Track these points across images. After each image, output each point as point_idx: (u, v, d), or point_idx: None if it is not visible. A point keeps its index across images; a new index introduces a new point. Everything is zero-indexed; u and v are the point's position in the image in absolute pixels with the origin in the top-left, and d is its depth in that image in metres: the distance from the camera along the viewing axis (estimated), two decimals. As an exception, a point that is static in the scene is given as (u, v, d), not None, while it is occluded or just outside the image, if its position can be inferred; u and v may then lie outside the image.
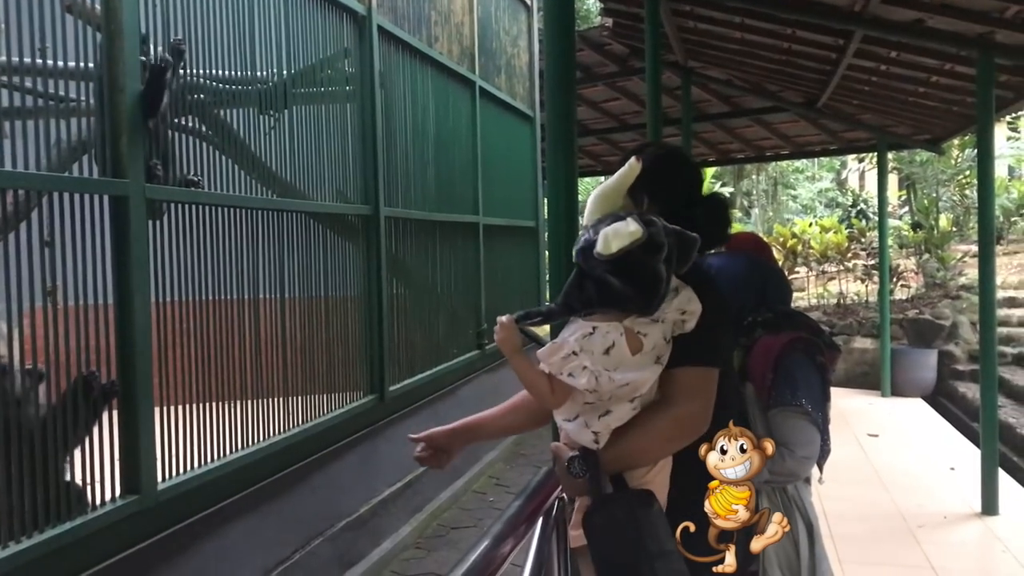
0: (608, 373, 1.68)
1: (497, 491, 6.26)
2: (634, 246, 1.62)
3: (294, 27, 4.35)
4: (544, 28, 3.17)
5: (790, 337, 2.33)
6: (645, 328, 1.70)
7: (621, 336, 1.68)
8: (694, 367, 1.75)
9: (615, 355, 1.68)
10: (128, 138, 3.08)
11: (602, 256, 1.64)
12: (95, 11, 3.12)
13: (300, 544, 4.15)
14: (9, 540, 2.57)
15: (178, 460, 3.34)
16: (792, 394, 2.24)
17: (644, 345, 1.70)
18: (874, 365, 10.66)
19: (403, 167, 5.68)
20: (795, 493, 2.33)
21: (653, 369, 1.72)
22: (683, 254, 1.70)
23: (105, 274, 3.00)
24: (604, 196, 1.79)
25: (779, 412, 2.25)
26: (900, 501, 5.97)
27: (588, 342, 1.69)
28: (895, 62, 6.60)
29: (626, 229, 1.63)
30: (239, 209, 3.81)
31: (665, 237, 1.65)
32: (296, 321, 4.31)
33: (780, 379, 2.26)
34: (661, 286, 1.66)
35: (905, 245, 14.52)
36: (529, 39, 9.30)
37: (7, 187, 2.66)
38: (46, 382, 2.81)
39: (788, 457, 2.21)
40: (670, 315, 1.72)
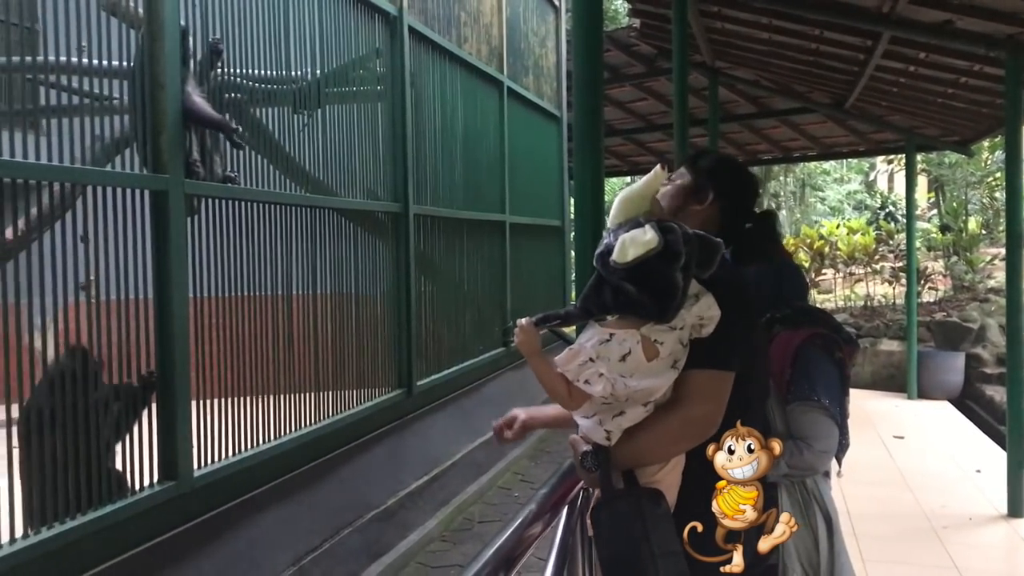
0: (624, 380, 1.70)
1: (522, 487, 6.33)
2: (650, 255, 1.63)
3: (327, 27, 4.44)
4: (572, 29, 3.23)
5: (808, 333, 2.39)
6: (662, 336, 1.71)
7: (637, 344, 1.70)
8: (707, 370, 1.76)
9: (631, 362, 1.70)
10: (168, 135, 3.18)
11: (618, 264, 1.65)
12: (136, 12, 3.22)
13: (330, 534, 4.24)
14: (57, 520, 2.68)
15: (213, 449, 3.43)
16: (810, 389, 2.30)
17: (660, 352, 1.71)
18: (900, 367, 10.62)
19: (432, 166, 5.76)
20: (814, 487, 2.38)
21: (669, 375, 1.74)
22: (706, 258, 1.71)
23: (145, 268, 3.10)
24: (629, 200, 1.80)
25: (797, 406, 2.31)
26: (924, 502, 5.97)
27: (605, 349, 1.71)
28: (923, 63, 6.59)
29: (643, 237, 1.64)
30: (274, 205, 3.91)
31: (684, 245, 1.65)
32: (327, 317, 4.39)
33: (798, 374, 2.33)
34: (677, 294, 1.66)
35: (933, 248, 14.44)
36: (557, 40, 9.35)
37: (52, 180, 2.76)
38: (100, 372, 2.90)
39: (806, 451, 2.26)
40: (689, 320, 1.73)
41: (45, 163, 2.72)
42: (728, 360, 1.79)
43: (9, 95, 2.76)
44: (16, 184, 2.62)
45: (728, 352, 1.79)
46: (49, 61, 2.88)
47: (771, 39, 7.11)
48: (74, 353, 2.80)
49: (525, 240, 7.91)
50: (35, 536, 2.60)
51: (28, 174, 2.64)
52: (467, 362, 6.29)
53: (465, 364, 6.24)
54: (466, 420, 6.24)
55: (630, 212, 1.78)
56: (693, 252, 1.68)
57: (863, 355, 11.07)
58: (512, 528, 1.94)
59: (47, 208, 2.82)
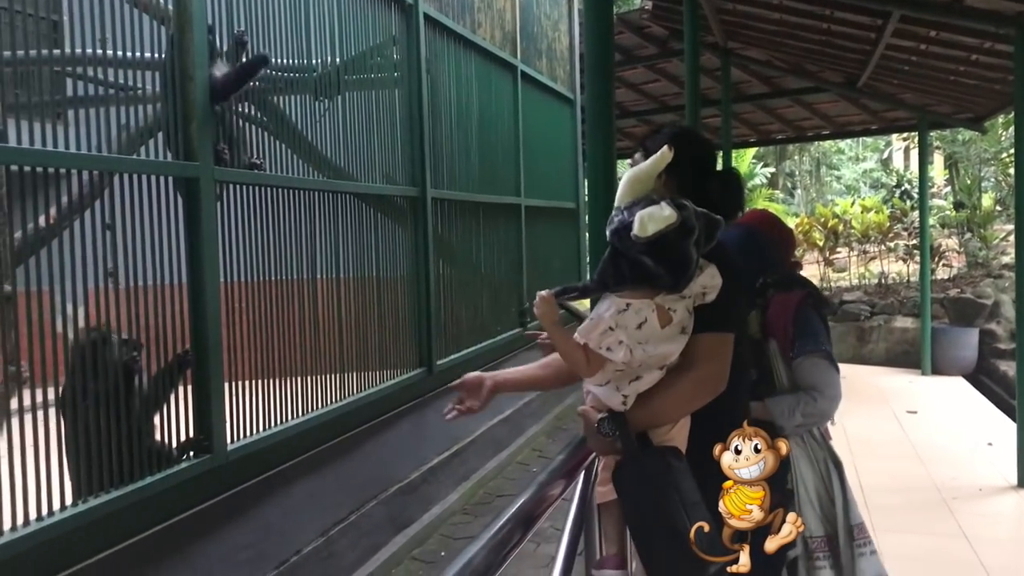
0: (641, 346, 1.83)
1: (540, 462, 6.47)
2: (669, 229, 1.75)
3: (346, 16, 4.55)
4: (584, 11, 3.33)
5: (802, 293, 2.57)
6: (674, 304, 1.85)
7: (653, 312, 1.83)
8: (712, 333, 1.92)
9: (647, 329, 1.83)
10: (198, 124, 3.31)
11: (639, 238, 1.76)
12: (158, 3, 3.34)
13: (356, 506, 4.39)
14: (103, 489, 2.84)
15: (245, 425, 3.59)
16: (816, 342, 2.49)
17: (673, 319, 1.85)
18: (914, 344, 10.68)
19: (448, 150, 5.88)
20: (820, 438, 2.56)
21: (680, 340, 1.88)
22: (709, 235, 1.85)
23: (179, 253, 3.24)
24: (637, 179, 1.90)
25: (805, 359, 2.48)
26: (935, 474, 6.08)
27: (623, 318, 1.83)
28: (934, 41, 6.63)
29: (661, 213, 1.76)
30: (297, 191, 4.04)
31: (696, 221, 1.79)
32: (351, 300, 4.53)
33: (801, 331, 2.50)
34: (691, 266, 1.80)
35: (947, 225, 14.43)
36: (570, 23, 9.42)
37: (86, 168, 2.89)
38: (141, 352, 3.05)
39: (820, 398, 2.44)
40: (695, 290, 1.88)
41: (84, 152, 2.85)
42: (728, 323, 1.96)
43: (38, 86, 2.85)
44: (48, 173, 2.74)
45: (727, 315, 1.96)
46: (75, 53, 3.00)
47: (782, 19, 7.16)
48: (108, 334, 2.94)
49: (540, 222, 8.03)
50: (83, 504, 2.75)
51: (63, 163, 2.76)
52: (485, 342, 6.43)
53: (483, 344, 6.38)
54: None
55: (637, 191, 1.88)
56: (702, 228, 1.80)
57: (878, 332, 11.14)
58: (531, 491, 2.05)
59: (79, 196, 2.95)
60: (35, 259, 2.77)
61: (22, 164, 2.62)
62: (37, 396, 2.72)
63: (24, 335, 2.64)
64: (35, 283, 2.71)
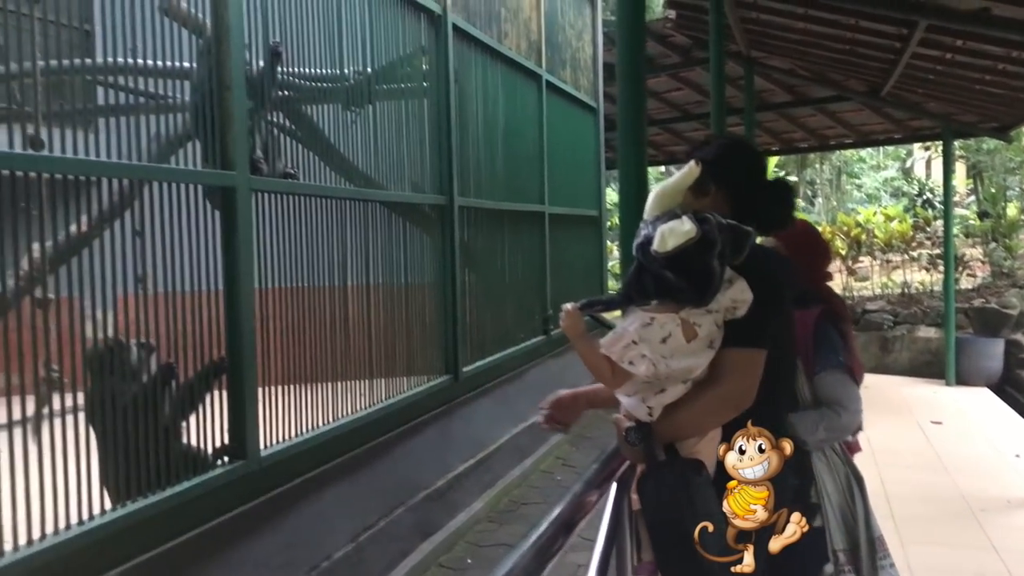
0: (665, 360, 1.83)
1: (564, 471, 6.48)
2: (689, 244, 1.76)
3: (377, 27, 4.60)
4: (616, 23, 3.36)
5: (820, 309, 2.61)
6: (699, 318, 1.85)
7: (677, 327, 1.83)
8: (740, 348, 1.91)
9: (671, 344, 1.84)
10: (235, 134, 3.36)
11: (659, 253, 1.78)
12: (191, 14, 3.38)
13: (384, 512, 4.42)
14: (140, 494, 2.88)
15: (277, 431, 3.62)
16: (835, 356, 2.52)
17: (699, 333, 1.85)
18: (938, 354, 10.61)
19: (475, 159, 5.92)
20: (841, 452, 2.59)
21: (706, 354, 1.88)
22: (737, 246, 1.84)
23: (216, 261, 3.29)
24: (664, 194, 1.92)
25: (827, 374, 2.51)
26: (963, 485, 6.04)
27: (647, 332, 1.84)
28: (960, 50, 6.61)
29: (681, 228, 1.76)
30: (329, 199, 4.09)
31: (718, 234, 1.78)
32: (379, 306, 4.57)
33: (820, 346, 2.54)
34: (713, 280, 1.79)
35: (971, 234, 14.34)
36: (593, 32, 9.45)
37: (125, 176, 2.93)
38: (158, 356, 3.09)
39: (843, 413, 2.47)
40: (723, 303, 1.86)
41: (124, 162, 2.90)
42: (759, 339, 1.92)
43: (71, 95, 2.88)
44: (81, 181, 2.78)
45: (759, 332, 1.92)
46: (107, 62, 3.04)
47: (806, 28, 7.16)
48: (143, 344, 2.99)
49: (563, 230, 8.05)
50: (121, 510, 2.79)
51: (101, 171, 2.80)
52: (509, 349, 6.45)
53: (508, 351, 6.40)
54: (509, 405, 6.41)
55: (665, 205, 1.89)
56: (727, 240, 1.80)
57: (901, 341, 11.08)
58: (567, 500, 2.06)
59: (114, 203, 2.99)
60: (69, 265, 2.80)
61: (65, 173, 2.67)
62: (67, 401, 2.76)
63: (55, 340, 2.68)
64: (68, 289, 2.74)
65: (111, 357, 2.92)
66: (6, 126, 2.54)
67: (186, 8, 3.36)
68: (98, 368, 2.90)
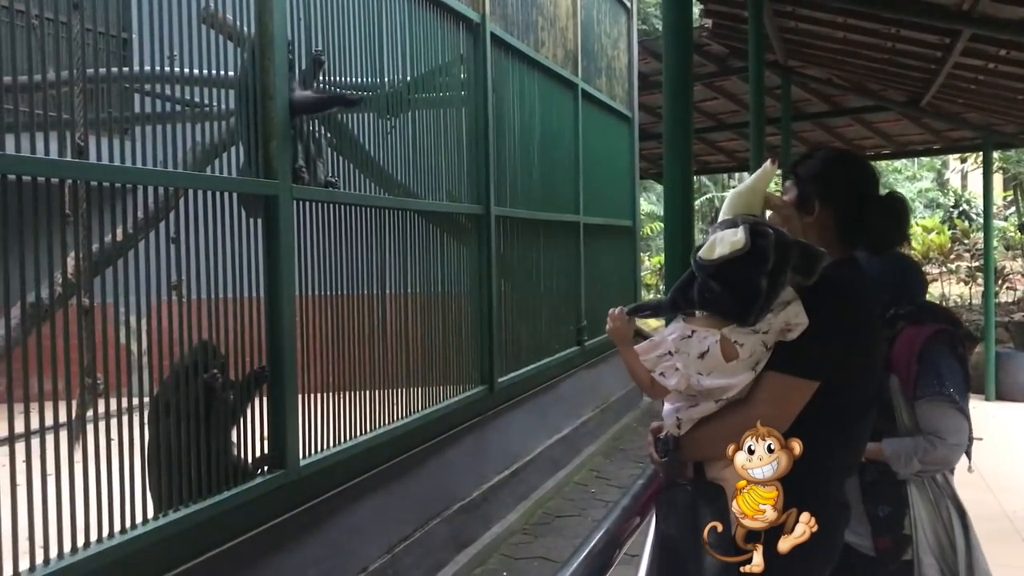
0: (699, 377, 1.74)
1: (598, 483, 6.42)
2: (735, 255, 1.66)
3: (416, 35, 4.60)
4: (663, 35, 3.33)
5: (933, 329, 2.42)
6: (743, 338, 1.73)
7: (716, 343, 1.73)
8: (781, 374, 1.76)
9: (709, 360, 1.74)
10: (278, 143, 3.36)
11: (702, 261, 1.71)
12: (231, 23, 3.38)
13: (419, 524, 4.40)
14: (189, 500, 2.88)
15: (316, 440, 3.61)
16: (939, 384, 2.33)
17: (740, 354, 1.73)
18: (978, 369, 10.40)
19: (511, 168, 5.90)
20: (944, 482, 2.40)
21: (746, 376, 1.75)
22: (806, 266, 1.72)
23: (258, 268, 3.29)
24: (739, 195, 1.83)
25: (927, 402, 2.34)
26: (1007, 504, 5.91)
27: (685, 344, 1.76)
28: (1004, 60, 6.50)
29: (732, 238, 1.67)
30: (369, 208, 4.08)
31: (775, 251, 1.66)
32: (416, 316, 4.56)
33: (925, 370, 2.35)
34: (758, 299, 1.67)
35: (1011, 247, 14.11)
36: (629, 41, 9.42)
37: (167, 184, 2.94)
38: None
39: (940, 445, 2.30)
40: (776, 325, 1.74)
41: (168, 170, 2.91)
42: (807, 368, 1.76)
43: (115, 102, 2.87)
44: (125, 188, 2.77)
45: (808, 360, 1.75)
46: (145, 71, 3.05)
47: (846, 38, 7.09)
48: (205, 347, 2.99)
49: (597, 240, 8.01)
50: (164, 519, 2.78)
51: (140, 179, 2.80)
52: (543, 360, 6.41)
53: (542, 362, 6.36)
54: (543, 417, 6.37)
55: (739, 208, 1.80)
56: (787, 259, 1.69)
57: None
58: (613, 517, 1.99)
59: (155, 210, 2.99)
60: (107, 271, 2.80)
61: (111, 181, 2.67)
62: (111, 406, 2.75)
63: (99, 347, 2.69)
64: (110, 295, 2.75)
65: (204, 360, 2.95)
66: (48, 132, 2.53)
67: (228, 18, 3.37)
68: (191, 372, 2.92)
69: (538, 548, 5.07)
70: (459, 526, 4.77)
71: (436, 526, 4.52)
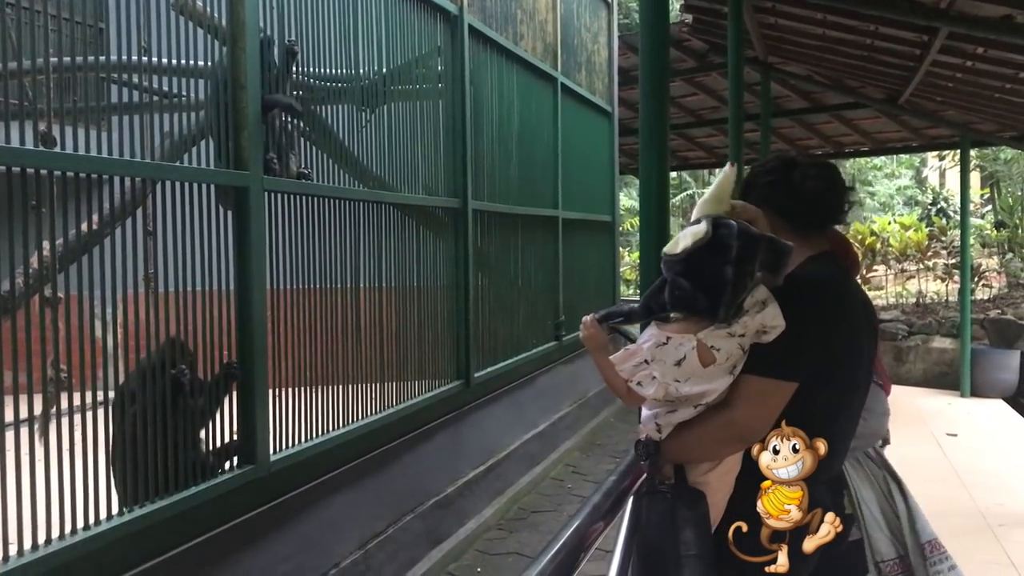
0: (677, 384, 1.74)
1: (574, 479, 6.41)
2: (698, 245, 1.66)
3: (393, 27, 4.55)
4: (640, 31, 3.30)
5: None
6: (719, 342, 1.72)
7: (693, 350, 1.72)
8: (759, 377, 1.76)
9: (686, 367, 1.73)
10: (249, 133, 3.31)
11: (667, 256, 1.70)
12: (204, 12, 3.33)
13: (393, 519, 4.36)
14: (154, 496, 2.83)
15: (286, 435, 3.57)
16: None
17: (717, 358, 1.72)
18: (953, 365, 10.50)
19: (489, 162, 5.86)
20: (875, 454, 2.48)
21: (724, 380, 1.75)
22: (772, 261, 1.72)
23: (229, 261, 3.24)
24: (705, 202, 1.82)
25: None
26: (980, 500, 5.94)
27: (661, 352, 1.75)
28: (982, 58, 6.52)
29: (694, 229, 1.67)
30: (343, 201, 4.03)
31: (737, 238, 1.65)
32: (391, 310, 4.51)
33: None
34: (725, 289, 1.66)
35: (987, 244, 14.22)
36: (609, 35, 9.39)
37: (136, 175, 2.88)
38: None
39: (870, 418, 2.33)
40: (752, 327, 1.73)
41: (137, 160, 2.85)
42: (784, 369, 1.76)
43: (84, 92, 2.81)
44: (93, 179, 2.72)
45: (784, 362, 1.76)
46: (120, 60, 2.99)
47: (825, 34, 7.08)
48: (173, 345, 2.94)
49: (577, 235, 7.99)
50: (129, 514, 2.74)
51: (113, 169, 2.75)
52: (521, 355, 6.39)
53: (519, 357, 6.34)
54: (520, 412, 6.35)
55: (705, 213, 1.78)
56: (753, 249, 1.68)
57: (915, 352, 10.97)
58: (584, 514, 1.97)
59: (128, 201, 2.94)
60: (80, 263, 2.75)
61: (77, 171, 2.62)
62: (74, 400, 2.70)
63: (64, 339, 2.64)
64: (77, 288, 2.69)
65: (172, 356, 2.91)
66: (18, 123, 2.49)
67: (201, 7, 3.31)
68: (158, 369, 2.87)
69: (512, 544, 5.05)
70: (434, 522, 4.74)
71: (410, 522, 4.49)
